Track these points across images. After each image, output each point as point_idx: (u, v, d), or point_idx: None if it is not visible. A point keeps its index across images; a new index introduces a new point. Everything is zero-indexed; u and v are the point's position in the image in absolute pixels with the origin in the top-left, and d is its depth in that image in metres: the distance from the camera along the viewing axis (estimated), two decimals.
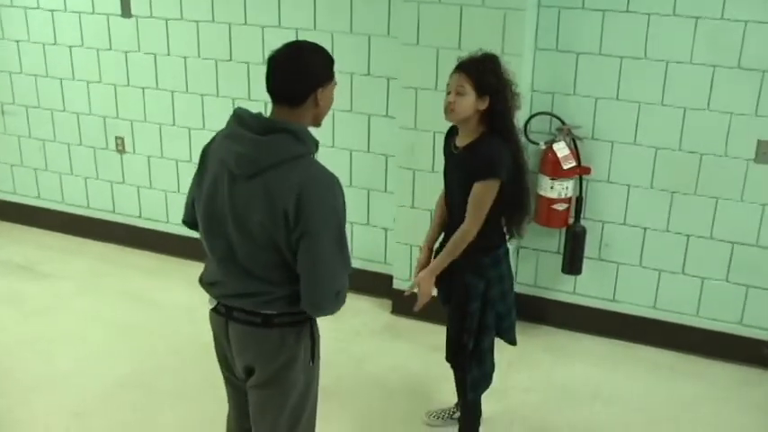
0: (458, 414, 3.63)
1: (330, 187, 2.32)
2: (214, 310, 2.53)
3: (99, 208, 5.59)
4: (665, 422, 3.79)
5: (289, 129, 2.29)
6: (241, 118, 2.36)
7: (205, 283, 2.53)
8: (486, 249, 3.17)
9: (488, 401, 3.65)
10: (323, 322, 2.51)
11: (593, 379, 4.11)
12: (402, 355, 4.28)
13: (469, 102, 3.00)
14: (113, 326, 4.55)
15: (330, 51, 2.45)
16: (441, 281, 3.30)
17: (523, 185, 3.16)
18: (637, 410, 3.87)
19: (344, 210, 2.36)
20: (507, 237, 3.27)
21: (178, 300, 4.73)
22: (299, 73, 2.32)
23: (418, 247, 3.46)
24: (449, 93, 3.05)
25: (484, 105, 3.02)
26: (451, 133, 3.26)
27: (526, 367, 4.19)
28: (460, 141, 3.14)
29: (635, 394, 3.99)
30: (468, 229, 3.09)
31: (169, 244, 5.32)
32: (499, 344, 4.39)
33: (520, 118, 4.09)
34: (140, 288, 5.01)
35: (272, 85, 2.35)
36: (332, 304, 2.39)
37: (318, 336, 2.59)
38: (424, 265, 3.31)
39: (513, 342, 3.42)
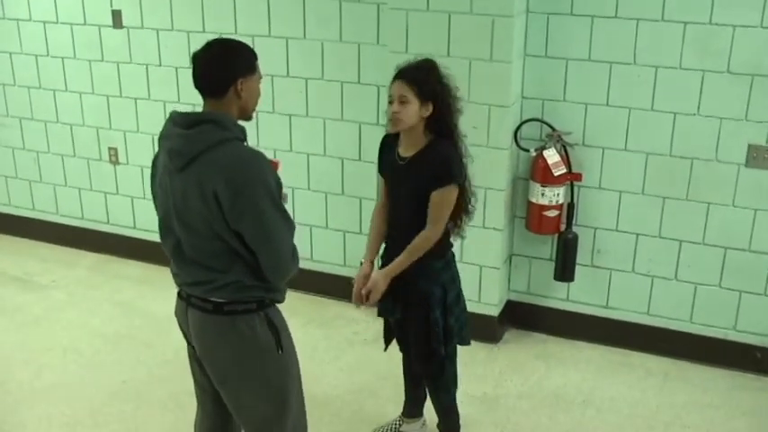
0: (404, 426, 3.67)
1: (256, 162, 2.43)
2: (179, 295, 2.70)
3: (93, 219, 5.60)
4: (658, 428, 3.77)
5: (211, 118, 2.43)
6: (173, 119, 2.49)
7: (172, 273, 2.70)
8: (438, 253, 3.16)
9: (480, 408, 3.64)
10: (314, 330, 2.49)
11: (586, 386, 4.09)
12: (394, 363, 4.25)
13: (414, 110, 2.97)
14: (105, 336, 4.54)
15: (321, 60, 2.48)
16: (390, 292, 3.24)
17: (468, 188, 3.16)
18: (630, 417, 3.85)
19: (278, 179, 2.46)
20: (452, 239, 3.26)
21: (170, 310, 4.68)
22: (218, 64, 2.46)
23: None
24: (391, 102, 3.01)
25: (428, 112, 3.00)
26: (386, 143, 3.24)
27: (518, 374, 4.17)
28: (406, 151, 3.10)
29: (628, 401, 3.97)
30: (432, 235, 3.08)
31: (163, 254, 5.23)
32: (491, 352, 4.39)
33: (509, 124, 4.12)
34: (133, 298, 5.01)
35: (196, 81, 2.48)
36: (292, 265, 2.54)
37: (283, 324, 2.66)
38: (365, 277, 3.23)
39: (466, 342, 3.35)
